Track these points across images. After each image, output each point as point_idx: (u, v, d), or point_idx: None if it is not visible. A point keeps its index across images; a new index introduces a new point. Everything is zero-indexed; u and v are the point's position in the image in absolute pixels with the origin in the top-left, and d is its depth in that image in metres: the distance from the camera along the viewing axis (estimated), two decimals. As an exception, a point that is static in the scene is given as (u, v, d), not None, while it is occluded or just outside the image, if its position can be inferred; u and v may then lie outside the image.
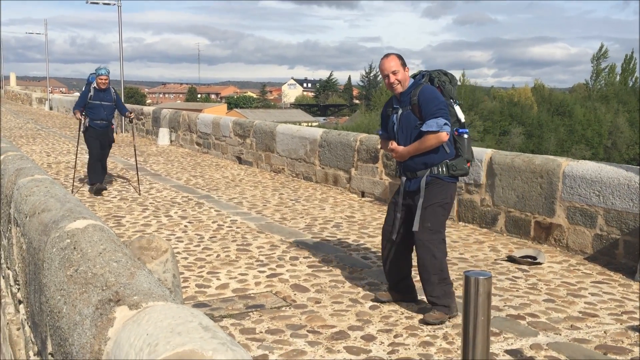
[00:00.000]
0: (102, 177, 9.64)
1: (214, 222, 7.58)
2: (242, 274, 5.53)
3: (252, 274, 5.52)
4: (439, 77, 4.70)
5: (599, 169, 6.10)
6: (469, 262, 5.99)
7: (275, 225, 7.51)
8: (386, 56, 4.71)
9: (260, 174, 11.81)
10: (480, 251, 6.38)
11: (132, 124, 11.29)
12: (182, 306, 1.64)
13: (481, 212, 7.35)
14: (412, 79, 4.72)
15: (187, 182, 10.72)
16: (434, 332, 4.27)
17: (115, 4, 23.50)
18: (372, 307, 4.71)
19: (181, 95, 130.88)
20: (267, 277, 5.45)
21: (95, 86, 9.42)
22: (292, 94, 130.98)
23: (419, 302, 4.78)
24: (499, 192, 7.10)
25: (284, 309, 4.67)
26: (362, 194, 9.42)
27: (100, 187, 9.31)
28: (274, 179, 11.18)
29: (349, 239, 6.86)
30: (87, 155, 9.82)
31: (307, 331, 4.24)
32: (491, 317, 3.05)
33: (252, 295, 4.99)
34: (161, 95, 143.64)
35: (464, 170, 4.63)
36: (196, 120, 15.52)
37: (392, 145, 4.68)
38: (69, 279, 2.07)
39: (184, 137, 16.19)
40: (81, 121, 9.62)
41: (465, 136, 4.64)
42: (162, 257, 2.93)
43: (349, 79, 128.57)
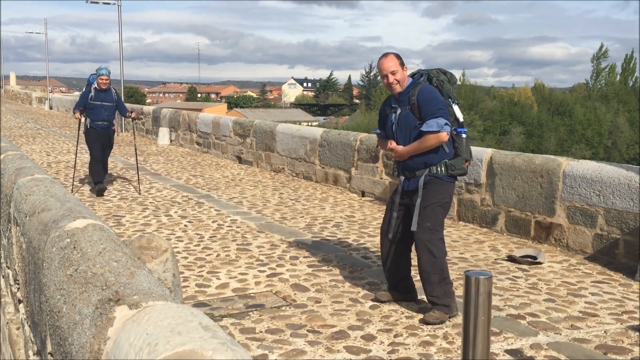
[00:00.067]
0: (104, 176, 9.64)
1: (214, 222, 7.58)
2: (242, 274, 5.52)
3: (252, 274, 5.52)
4: (438, 76, 4.68)
5: (599, 169, 6.10)
6: (469, 261, 5.98)
7: (275, 224, 7.51)
8: (384, 56, 4.66)
9: (260, 173, 11.81)
10: (480, 251, 6.38)
11: (133, 122, 11.29)
12: (182, 306, 1.64)
13: (481, 212, 7.34)
14: (410, 78, 4.70)
15: (187, 182, 10.72)
16: (434, 331, 4.26)
17: (115, 4, 23.48)
18: (372, 307, 4.71)
19: (181, 94, 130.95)
20: (267, 276, 5.44)
21: (95, 86, 9.41)
22: (292, 93, 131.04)
23: (419, 301, 4.78)
24: (499, 191, 7.09)
25: (284, 308, 4.67)
26: (362, 194, 9.42)
27: (101, 187, 9.30)
28: (274, 178, 11.18)
29: (349, 238, 6.85)
30: (87, 154, 9.82)
31: (307, 331, 4.24)
32: (491, 316, 3.04)
33: (252, 294, 4.99)
34: (161, 94, 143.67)
35: (462, 170, 4.62)
36: (196, 119, 15.51)
37: (392, 145, 4.66)
38: (68, 279, 2.06)
39: (184, 137, 16.18)
40: (80, 121, 9.62)
41: (463, 136, 4.62)
42: (162, 257, 2.93)
43: (349, 78, 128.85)
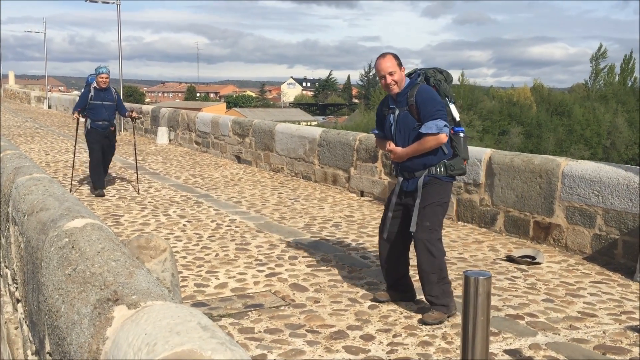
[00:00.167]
0: (104, 181, 9.55)
1: (212, 221, 7.58)
2: (241, 273, 5.52)
3: (251, 273, 5.51)
4: (435, 76, 4.67)
5: (598, 169, 6.10)
6: (468, 261, 5.98)
7: (274, 224, 7.51)
8: (382, 56, 4.63)
9: (259, 173, 11.81)
10: (479, 251, 6.38)
11: (133, 122, 11.22)
12: (180, 305, 1.63)
13: (480, 212, 7.34)
14: (407, 78, 4.68)
15: (186, 181, 10.71)
16: (433, 331, 4.26)
17: (114, 3, 23.44)
18: (371, 307, 4.71)
19: (180, 94, 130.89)
20: (266, 276, 5.44)
21: (95, 86, 9.36)
22: (291, 93, 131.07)
23: (417, 301, 4.78)
24: (498, 191, 7.09)
25: (282, 308, 4.67)
26: (361, 194, 9.42)
27: (101, 193, 9.21)
28: (273, 178, 11.17)
29: (347, 238, 6.85)
30: (86, 154, 9.77)
31: (305, 331, 4.24)
32: (490, 317, 3.04)
33: (250, 294, 4.98)
34: (160, 94, 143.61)
35: (461, 169, 4.62)
36: (195, 119, 15.50)
37: (391, 146, 4.64)
38: (67, 278, 2.06)
39: (182, 136, 16.17)
40: (79, 120, 9.55)
41: (461, 135, 4.61)
42: (161, 257, 2.92)
43: (348, 78, 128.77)
